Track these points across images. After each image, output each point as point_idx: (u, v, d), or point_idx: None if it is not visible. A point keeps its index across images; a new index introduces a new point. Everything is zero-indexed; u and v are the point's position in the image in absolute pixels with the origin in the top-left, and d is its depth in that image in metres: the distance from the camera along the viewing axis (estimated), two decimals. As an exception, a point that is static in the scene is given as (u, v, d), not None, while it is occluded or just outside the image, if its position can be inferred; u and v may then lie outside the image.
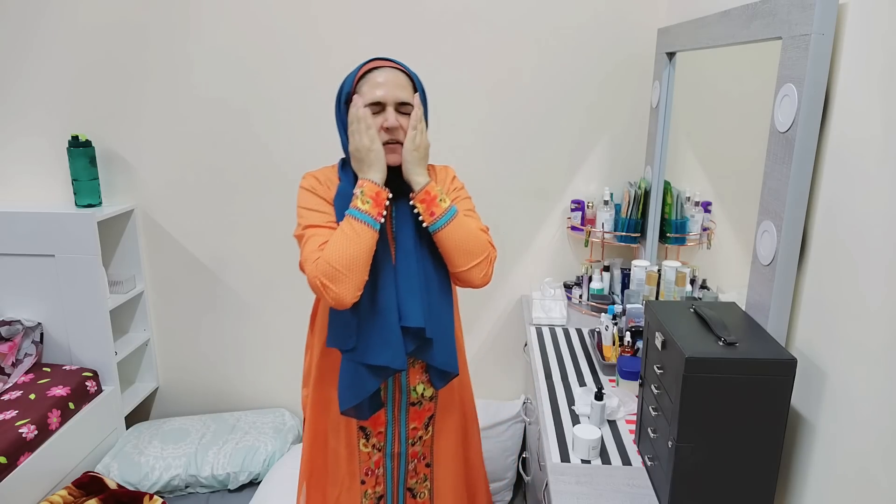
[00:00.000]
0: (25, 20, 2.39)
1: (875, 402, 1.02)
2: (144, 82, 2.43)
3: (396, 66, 1.44)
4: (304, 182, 1.49)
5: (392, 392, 1.54)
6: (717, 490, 1.22)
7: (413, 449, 1.60)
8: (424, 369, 1.55)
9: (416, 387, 1.55)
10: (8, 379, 2.34)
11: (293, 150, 2.47)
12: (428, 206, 1.40)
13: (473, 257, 1.43)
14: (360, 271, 1.34)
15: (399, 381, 1.54)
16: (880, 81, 1.03)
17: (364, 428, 1.56)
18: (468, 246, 1.42)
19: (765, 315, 1.30)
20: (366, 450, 1.57)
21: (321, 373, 1.55)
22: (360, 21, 2.33)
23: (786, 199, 1.23)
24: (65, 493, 2.17)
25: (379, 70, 1.41)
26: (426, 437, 1.61)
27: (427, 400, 1.58)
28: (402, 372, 1.52)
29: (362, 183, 1.36)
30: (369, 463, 1.58)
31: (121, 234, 2.58)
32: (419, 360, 1.52)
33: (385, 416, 1.55)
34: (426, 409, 1.59)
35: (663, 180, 2.16)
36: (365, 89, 1.41)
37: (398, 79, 1.41)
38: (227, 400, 2.78)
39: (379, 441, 1.57)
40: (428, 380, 1.56)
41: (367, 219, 1.34)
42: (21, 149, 2.53)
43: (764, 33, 1.35)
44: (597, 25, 2.29)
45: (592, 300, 2.31)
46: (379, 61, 1.44)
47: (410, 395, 1.55)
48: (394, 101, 1.40)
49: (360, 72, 1.43)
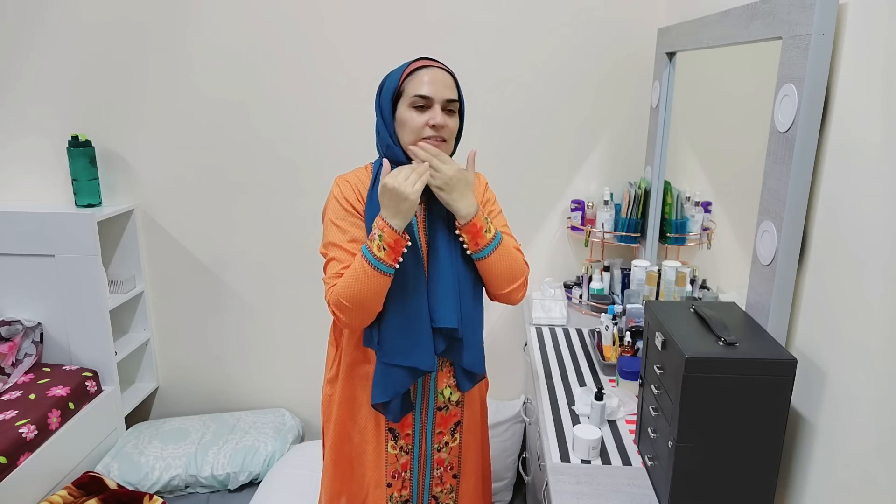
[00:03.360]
0: (25, 20, 2.39)
1: (875, 402, 1.02)
2: (144, 82, 2.43)
3: (444, 67, 1.43)
4: (334, 189, 1.47)
5: (421, 394, 1.52)
6: (717, 490, 1.22)
7: (439, 455, 1.58)
8: (452, 373, 1.53)
9: (443, 390, 1.54)
10: (8, 379, 2.34)
11: (294, 150, 2.47)
12: (473, 238, 1.40)
13: (513, 282, 1.46)
14: (371, 308, 1.37)
15: (428, 384, 1.52)
16: (880, 81, 1.03)
17: (392, 429, 1.53)
18: (511, 273, 1.45)
19: (765, 315, 1.30)
20: (393, 451, 1.54)
21: (350, 371, 1.52)
22: (361, 21, 2.33)
23: (786, 199, 1.23)
24: (65, 493, 2.17)
25: (426, 69, 1.40)
26: (453, 445, 1.59)
27: (454, 405, 1.56)
28: (432, 374, 1.51)
29: (383, 226, 1.32)
30: (396, 465, 1.55)
31: (121, 234, 2.58)
32: (448, 361, 1.52)
33: (413, 417, 1.53)
34: (452, 414, 1.57)
35: (663, 180, 2.16)
36: (411, 87, 1.40)
37: (445, 79, 1.41)
38: (227, 400, 2.78)
39: (407, 444, 1.54)
40: (455, 384, 1.54)
41: (381, 266, 1.32)
42: (21, 149, 2.53)
43: (764, 33, 1.35)
44: (597, 25, 2.29)
45: (592, 300, 2.31)
46: (425, 60, 1.43)
47: (438, 398, 1.54)
48: (441, 100, 1.39)
49: (407, 70, 1.42)
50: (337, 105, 2.41)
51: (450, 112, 1.41)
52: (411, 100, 1.39)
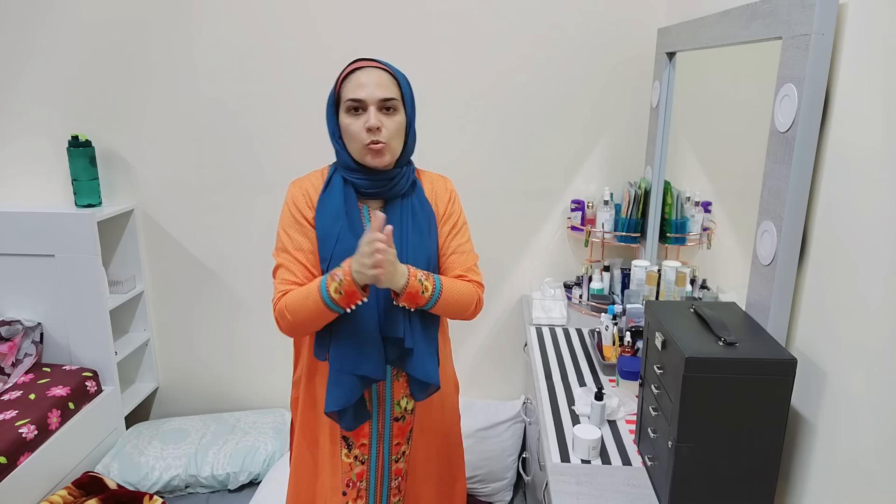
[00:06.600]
0: (26, 20, 2.39)
1: (875, 402, 1.02)
2: (145, 82, 2.43)
3: (380, 65, 1.39)
4: (287, 194, 1.47)
5: (376, 405, 1.51)
6: (717, 490, 1.22)
7: (397, 466, 1.55)
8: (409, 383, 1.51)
9: (399, 401, 1.51)
10: (8, 379, 2.34)
11: (293, 150, 2.47)
12: (413, 301, 1.38)
13: (463, 312, 1.47)
14: (311, 329, 1.41)
15: (383, 394, 1.50)
16: (880, 81, 1.03)
17: (346, 438, 1.51)
18: (458, 308, 1.45)
19: (765, 315, 1.30)
20: (347, 460, 1.52)
21: (310, 375, 1.52)
22: (362, 20, 2.32)
23: (786, 199, 1.23)
24: (65, 493, 2.17)
25: (362, 70, 1.37)
26: (409, 453, 1.57)
27: (409, 414, 1.54)
28: (386, 383, 1.49)
29: (347, 273, 1.29)
30: (350, 474, 1.53)
31: (121, 234, 2.58)
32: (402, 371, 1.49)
33: (370, 428, 1.51)
34: (408, 423, 1.54)
35: (663, 180, 2.16)
36: (345, 91, 1.38)
37: (381, 78, 1.37)
38: (227, 400, 2.78)
39: (363, 454, 1.52)
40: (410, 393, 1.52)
41: (333, 306, 1.33)
42: (21, 149, 2.53)
43: (764, 33, 1.35)
44: (597, 25, 2.29)
45: (592, 300, 2.31)
46: (362, 62, 1.40)
47: (394, 409, 1.51)
48: (375, 101, 1.35)
49: (343, 73, 1.40)
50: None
51: (388, 111, 1.38)
52: (346, 104, 1.37)
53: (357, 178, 1.42)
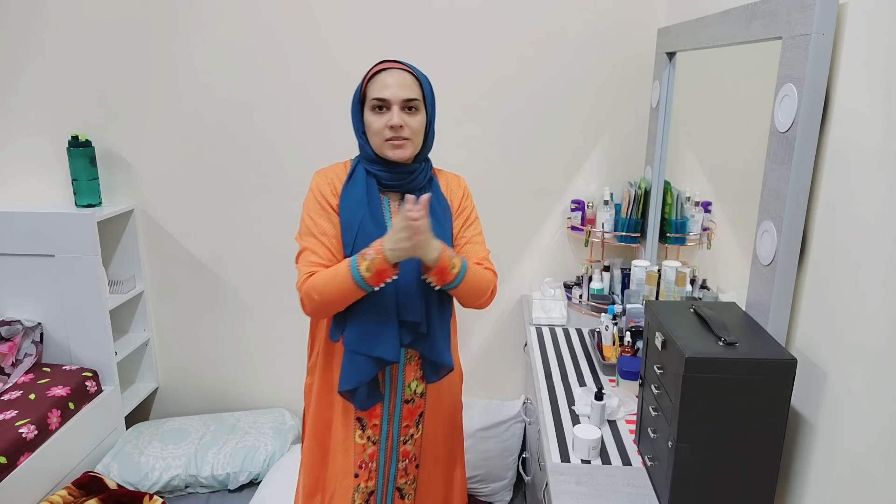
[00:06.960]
0: (25, 20, 2.39)
1: (875, 402, 1.02)
2: (145, 82, 2.43)
3: (404, 67, 1.47)
4: (312, 182, 1.54)
5: (389, 387, 1.56)
6: (717, 490, 1.22)
7: (405, 448, 1.61)
8: (420, 366, 1.57)
9: (410, 383, 1.57)
10: (8, 379, 2.34)
11: (294, 150, 2.47)
12: (441, 277, 1.43)
13: (480, 297, 1.54)
14: (337, 308, 1.45)
15: (396, 376, 1.56)
16: (880, 81, 1.03)
17: (361, 419, 1.57)
18: (476, 292, 1.52)
19: (765, 315, 1.30)
20: (361, 441, 1.58)
21: (326, 359, 1.57)
22: (362, 20, 2.33)
23: (786, 199, 1.23)
24: (65, 493, 2.17)
25: (387, 72, 1.46)
26: (417, 437, 1.62)
27: (419, 397, 1.60)
28: (399, 365, 1.55)
29: (379, 250, 1.36)
30: (363, 455, 1.58)
31: (121, 234, 2.58)
32: (416, 354, 1.56)
33: (381, 409, 1.57)
34: (417, 406, 1.60)
35: (663, 180, 2.16)
36: (371, 91, 1.45)
37: (403, 79, 1.45)
38: (227, 400, 2.78)
39: (374, 434, 1.58)
40: (422, 376, 1.58)
41: (363, 285, 1.38)
42: (21, 149, 2.53)
43: (764, 33, 1.35)
44: (597, 26, 2.29)
45: (592, 300, 2.31)
46: (387, 63, 1.48)
47: (405, 391, 1.57)
48: (398, 101, 1.43)
49: (369, 74, 1.47)
50: (337, 107, 2.41)
51: (410, 111, 1.45)
52: (371, 103, 1.45)
53: (379, 170, 1.50)
